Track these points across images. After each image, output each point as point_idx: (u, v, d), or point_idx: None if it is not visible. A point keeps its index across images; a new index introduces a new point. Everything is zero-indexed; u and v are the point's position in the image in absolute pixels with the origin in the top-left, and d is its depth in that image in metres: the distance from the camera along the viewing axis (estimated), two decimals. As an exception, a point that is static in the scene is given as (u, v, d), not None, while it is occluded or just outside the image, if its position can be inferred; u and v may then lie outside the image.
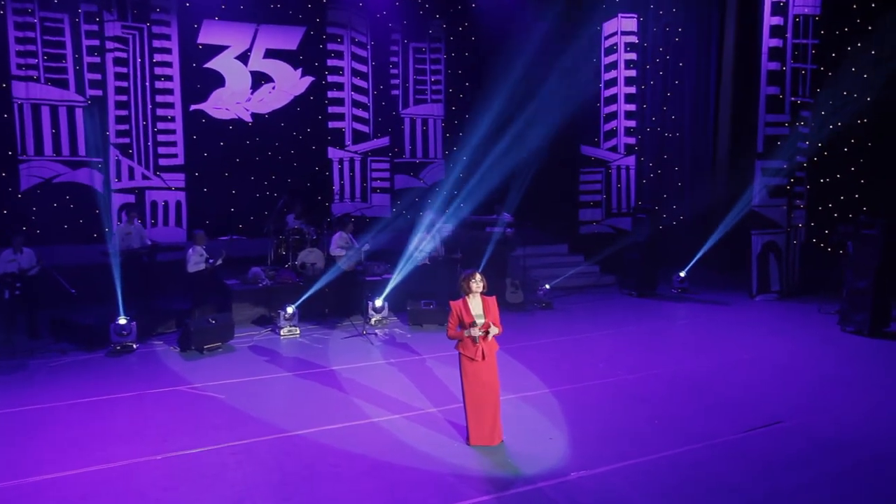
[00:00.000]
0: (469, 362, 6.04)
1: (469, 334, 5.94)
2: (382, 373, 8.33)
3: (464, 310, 6.04)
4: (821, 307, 11.77)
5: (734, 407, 7.17)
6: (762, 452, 6.03)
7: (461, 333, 5.98)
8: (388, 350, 9.37)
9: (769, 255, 12.89)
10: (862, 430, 6.55)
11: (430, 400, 7.35)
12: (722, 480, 5.52)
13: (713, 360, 8.86)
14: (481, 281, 6.10)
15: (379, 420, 6.76)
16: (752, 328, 10.68)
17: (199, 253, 9.67)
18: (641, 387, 7.81)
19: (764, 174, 12.77)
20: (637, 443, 6.23)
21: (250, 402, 7.18)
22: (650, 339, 10.06)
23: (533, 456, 5.95)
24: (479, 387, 6.04)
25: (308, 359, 8.89)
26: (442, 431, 6.50)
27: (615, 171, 15.46)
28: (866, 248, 10.24)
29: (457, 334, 6.00)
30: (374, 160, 16.24)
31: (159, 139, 13.86)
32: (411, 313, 10.67)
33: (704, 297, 13.00)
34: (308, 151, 15.55)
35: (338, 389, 7.67)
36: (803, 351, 9.37)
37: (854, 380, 8.11)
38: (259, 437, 6.26)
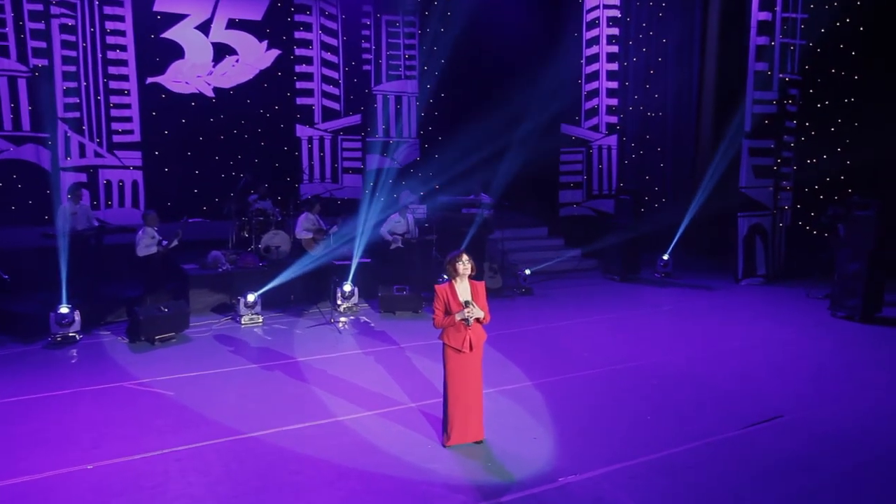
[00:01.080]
0: (454, 354, 5.41)
1: (463, 316, 5.30)
2: (352, 364, 7.67)
3: (451, 295, 5.41)
4: (809, 292, 11.38)
5: (730, 400, 6.67)
6: (764, 451, 5.52)
7: (451, 320, 5.34)
8: (359, 339, 8.70)
9: (755, 237, 12.46)
10: (866, 425, 6.09)
11: (407, 394, 6.72)
12: (724, 485, 4.99)
13: (703, 349, 8.37)
14: (469, 262, 5.46)
15: (348, 418, 6.11)
16: (741, 314, 10.23)
17: (150, 235, 8.86)
18: (630, 378, 7.27)
19: (751, 154, 12.29)
20: (630, 441, 5.68)
21: (202, 400, 6.47)
22: (636, 326, 9.54)
23: (517, 458, 5.36)
24: (464, 380, 5.43)
25: (271, 349, 8.19)
26: (421, 430, 5.88)
27: (596, 152, 14.90)
28: (860, 230, 9.81)
29: (446, 321, 5.36)
30: (345, 139, 15.47)
31: (113, 114, 12.92)
32: (383, 300, 10.01)
33: (689, 282, 12.54)
34: (275, 129, 14.72)
35: (302, 383, 7.00)
36: (796, 338, 8.92)
37: (851, 369, 7.67)
38: (209, 441, 5.57)
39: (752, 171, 12.32)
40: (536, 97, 14.54)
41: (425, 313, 10.03)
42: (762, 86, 12.16)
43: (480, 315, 5.37)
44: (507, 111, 14.46)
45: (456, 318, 5.30)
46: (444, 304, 5.39)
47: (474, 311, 5.32)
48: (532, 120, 14.25)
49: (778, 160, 12.57)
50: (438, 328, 5.42)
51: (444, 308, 5.39)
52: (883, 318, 9.76)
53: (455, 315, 5.30)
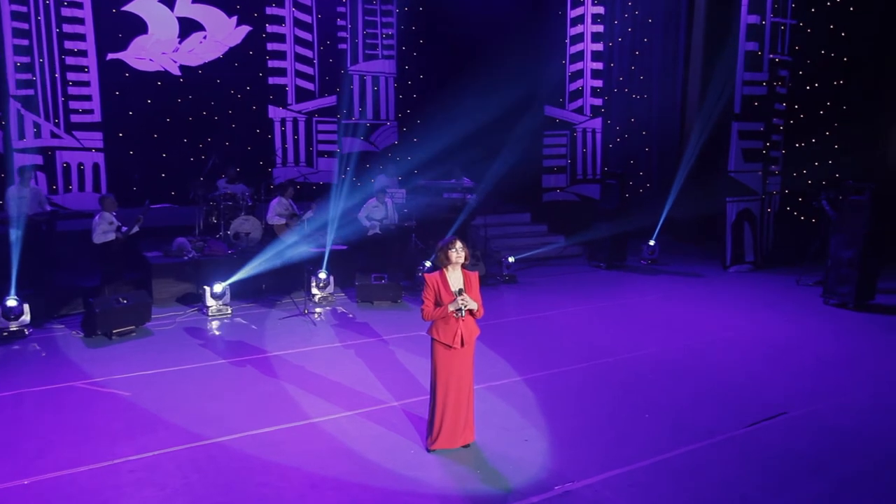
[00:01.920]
0: (444, 350, 4.92)
1: (456, 307, 4.80)
2: (329, 359, 7.14)
3: (441, 285, 4.91)
4: (799, 279, 11.10)
5: (729, 394, 6.28)
6: (772, 453, 5.13)
7: (441, 312, 4.83)
8: (336, 331, 8.17)
9: (744, 223, 12.14)
10: (873, 421, 5.74)
11: (389, 391, 6.22)
12: (732, 491, 4.58)
13: (697, 340, 7.99)
14: (463, 250, 4.95)
15: (324, 420, 5.59)
16: (732, 303, 9.89)
17: (107, 220, 8.20)
18: (623, 372, 6.86)
19: (741, 137, 11.94)
20: (628, 442, 5.26)
21: (162, 401, 5.90)
22: (626, 315, 9.14)
23: (509, 462, 4.91)
24: (454, 379, 4.95)
25: (240, 343, 7.63)
26: (404, 432, 5.39)
27: (580, 135, 14.46)
28: (854, 215, 9.50)
29: (436, 313, 4.85)
30: (319, 121, 14.81)
31: (71, 92, 12.11)
32: (360, 289, 9.48)
33: (676, 269, 12.20)
34: (247, 111, 14.01)
35: (274, 381, 6.46)
36: (790, 327, 8.60)
37: (850, 359, 7.34)
38: (167, 448, 5.02)
39: (741, 155, 11.97)
40: (519, 78, 14.02)
41: (405, 303, 9.53)
42: (752, 66, 11.79)
43: (474, 307, 4.88)
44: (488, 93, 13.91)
45: (449, 309, 4.80)
46: (434, 295, 4.89)
47: (468, 301, 4.82)
48: (515, 102, 13.74)
49: (767, 143, 12.24)
50: (428, 320, 4.92)
51: (434, 299, 4.89)
52: (876, 306, 9.49)
53: (448, 306, 4.80)
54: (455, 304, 4.79)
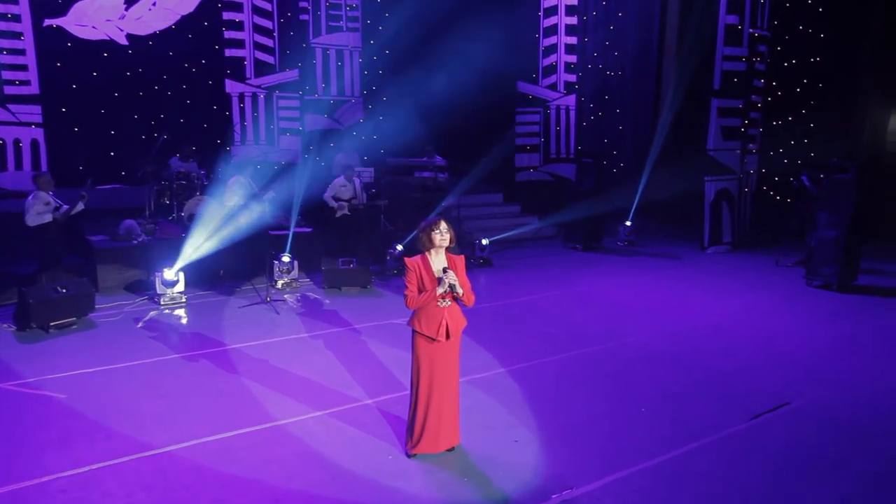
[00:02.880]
0: (427, 344, 4.37)
1: (445, 287, 4.25)
2: (294, 352, 6.53)
3: (424, 270, 4.35)
4: (779, 260, 10.86)
5: (723, 384, 5.90)
6: (781, 450, 4.74)
7: (428, 297, 4.27)
8: (301, 320, 7.54)
9: (722, 203, 11.84)
10: (881, 408, 5.41)
11: (363, 388, 5.65)
12: (746, 496, 4.17)
13: (683, 326, 7.61)
14: (448, 232, 4.38)
15: (290, 422, 5.00)
16: (713, 285, 9.56)
17: (43, 201, 7.38)
18: (612, 362, 6.42)
19: (720, 115, 11.59)
20: (626, 442, 4.80)
21: (104, 404, 5.23)
22: (607, 300, 8.72)
23: (499, 467, 4.40)
24: (438, 376, 4.41)
25: (195, 336, 6.96)
26: (381, 434, 4.83)
27: (554, 112, 13.98)
28: (839, 194, 9.22)
29: (421, 300, 4.29)
30: (281, 97, 13.96)
31: (3, 61, 11.06)
32: (327, 274, 8.84)
33: (654, 251, 11.86)
34: (202, 85, 13.08)
35: (233, 377, 5.83)
36: (776, 310, 8.29)
37: (843, 344, 7.05)
38: (109, 461, 4.37)
39: (719, 133, 11.64)
40: (491, 53, 13.41)
41: (375, 289, 8.94)
42: (732, 41, 11.42)
43: (460, 291, 4.32)
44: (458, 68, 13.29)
45: (438, 291, 4.25)
46: (416, 281, 4.32)
47: (454, 279, 4.27)
48: (486, 78, 13.14)
49: (745, 121, 11.93)
50: (413, 308, 4.35)
51: (417, 285, 4.32)
52: (859, 287, 9.27)
53: (437, 289, 4.25)
54: (443, 286, 4.23)
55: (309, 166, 14.25)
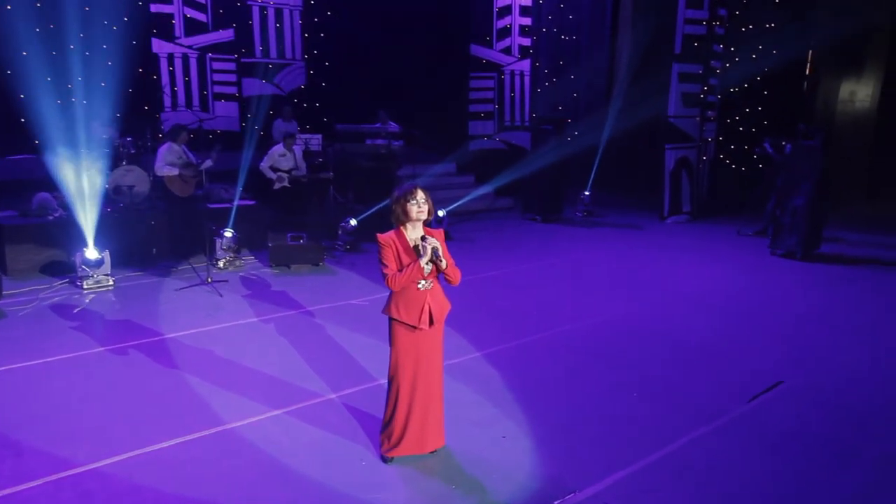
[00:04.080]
0: (407, 333, 3.75)
1: (428, 258, 3.65)
2: (242, 340, 5.79)
3: (400, 246, 3.71)
4: (740, 229, 10.71)
5: (709, 361, 5.55)
6: (787, 436, 4.39)
7: (412, 273, 3.64)
8: (248, 303, 6.78)
9: (682, 171, 11.59)
10: (876, 386, 5.16)
11: (324, 380, 5.00)
12: (764, 491, 3.78)
13: (658, 299, 7.26)
14: (426, 203, 3.73)
15: (241, 424, 4.32)
16: (679, 256, 9.29)
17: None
18: (592, 341, 5.97)
19: (680, 80, 11.26)
20: (623, 433, 4.35)
21: (14, 412, 4.41)
22: (576, 273, 8.30)
23: (490, 469, 3.87)
24: (423, 369, 3.81)
25: (126, 324, 6.11)
26: (350, 435, 4.21)
27: (508, 77, 13.39)
28: (804, 161, 9.03)
29: (405, 277, 3.65)
30: (215, 59, 12.85)
31: None
32: (274, 251, 8.07)
33: (614, 221, 11.54)
34: (125, 45, 11.79)
35: (172, 373, 5.07)
36: (747, 281, 8.06)
37: (820, 316, 6.83)
38: (19, 485, 3.60)
39: (680, 99, 11.32)
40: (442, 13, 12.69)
41: (328, 266, 8.23)
42: (694, 3, 11.05)
43: (445, 263, 3.71)
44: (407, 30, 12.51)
45: (422, 262, 3.63)
46: (394, 258, 3.68)
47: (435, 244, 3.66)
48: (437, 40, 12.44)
49: (705, 87, 11.66)
50: (398, 288, 3.69)
51: (395, 263, 3.68)
52: (822, 255, 9.16)
53: (420, 261, 3.63)
54: (426, 254, 3.61)
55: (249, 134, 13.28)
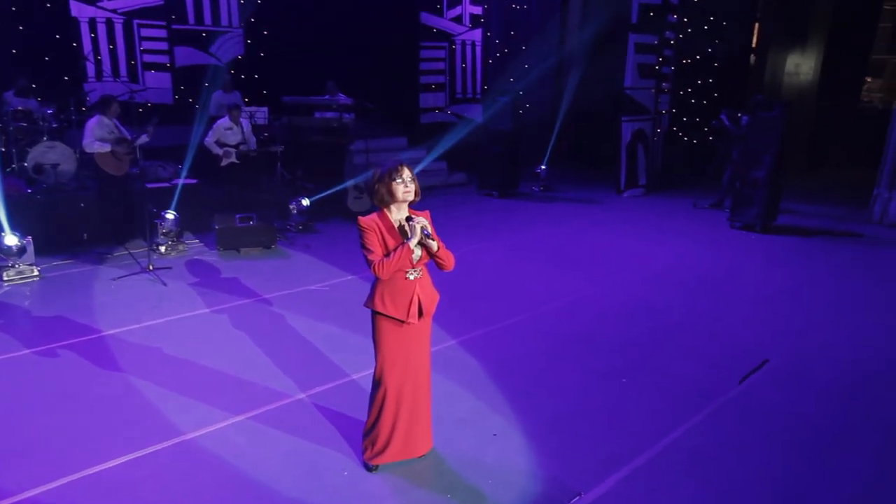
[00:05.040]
0: (395, 329, 3.35)
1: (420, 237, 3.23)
2: (192, 335, 5.24)
3: (385, 229, 3.28)
4: (696, 202, 10.69)
5: (693, 341, 5.38)
6: (782, 421, 4.23)
7: (402, 255, 3.21)
8: (196, 293, 6.19)
9: (638, 144, 11.46)
10: (860, 363, 5.10)
11: (290, 377, 4.55)
12: (768, 480, 3.59)
13: (628, 276, 7.07)
14: (413, 182, 3.30)
15: (201, 433, 3.83)
16: (640, 230, 9.15)
17: None
18: (570, 323, 5.71)
19: (637, 51, 11.06)
20: (616, 423, 4.10)
21: (-69, 428, 3.79)
22: (542, 251, 8.03)
23: (483, 473, 3.53)
24: (411, 367, 3.43)
25: (56, 321, 5.45)
26: (328, 441, 3.79)
27: (460, 47, 12.91)
28: (763, 133, 8.98)
29: (395, 261, 3.21)
30: (143, 25, 11.83)
31: None
32: (222, 234, 7.45)
33: (571, 195, 11.34)
34: (39, 7, 10.70)
35: (115, 376, 4.51)
36: (712, 256, 7.98)
37: (793, 290, 6.78)
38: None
39: (636, 70, 11.14)
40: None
41: (281, 249, 7.68)
42: (649, -30, 10.84)
43: (435, 245, 3.31)
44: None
45: (411, 243, 3.21)
46: (380, 243, 3.25)
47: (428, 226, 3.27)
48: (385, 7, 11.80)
49: (660, 59, 11.51)
50: (387, 276, 3.25)
51: (381, 248, 3.25)
52: (780, 227, 9.20)
53: (409, 242, 3.21)
54: (416, 235, 3.20)
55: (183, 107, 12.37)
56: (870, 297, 6.58)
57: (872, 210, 9.77)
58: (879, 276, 7.26)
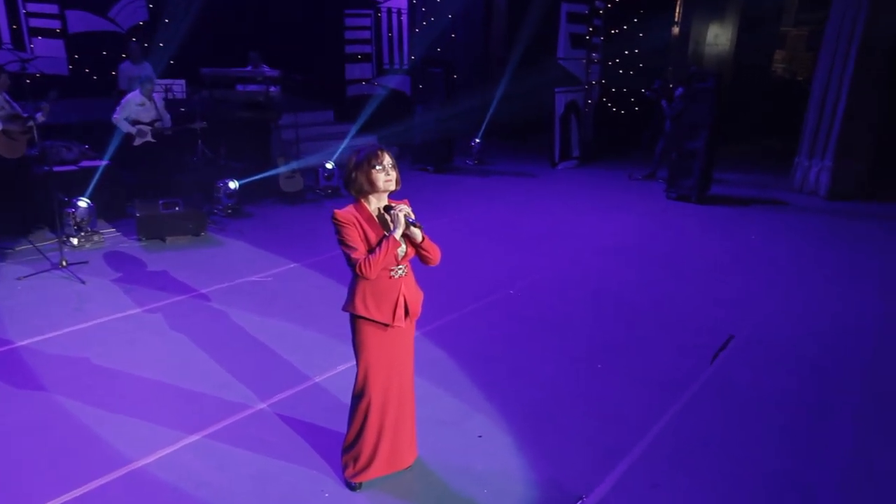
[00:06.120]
0: (378, 333, 2.99)
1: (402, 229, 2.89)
2: (124, 340, 4.66)
3: (365, 222, 2.89)
4: (631, 173, 10.76)
5: (658, 321, 5.31)
6: (760, 397, 4.22)
7: (389, 250, 2.84)
8: (121, 291, 5.54)
9: (571, 116, 11.38)
10: (821, 334, 5.19)
11: (245, 384, 4.09)
12: (764, 464, 3.54)
13: (577, 252, 6.97)
14: (394, 169, 2.93)
15: (153, 460, 3.36)
16: (581, 204, 9.09)
17: None
18: (530, 307, 5.52)
19: (569, 20, 10.90)
20: (603, 414, 3.95)
21: None
22: (487, 228, 7.79)
23: (476, 482, 3.28)
24: (396, 374, 3.10)
25: (-44, 330, 4.72)
26: (299, 457, 3.40)
27: (385, 15, 12.30)
28: (698, 104, 9.07)
29: (381, 259, 2.83)
30: (25, -15, 10.60)
31: None
32: (144, 222, 6.73)
33: (507, 169, 11.16)
34: None
35: (39, 397, 3.90)
36: (656, 229, 8.01)
37: (739, 261, 6.88)
38: None
39: (569, 40, 10.99)
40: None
41: (212, 236, 7.06)
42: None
43: (420, 234, 2.97)
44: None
45: (396, 233, 2.86)
46: (360, 238, 2.87)
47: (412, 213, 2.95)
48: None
49: (590, 28, 11.42)
50: (374, 275, 2.86)
51: (363, 244, 2.87)
52: (714, 197, 9.39)
53: (395, 232, 2.86)
54: (400, 225, 2.86)
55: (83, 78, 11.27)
56: (808, 265, 6.77)
57: (794, 178, 10.15)
58: (811, 243, 7.50)
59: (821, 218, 8.64)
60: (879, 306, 5.70)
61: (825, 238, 7.76)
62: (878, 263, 6.86)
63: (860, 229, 8.15)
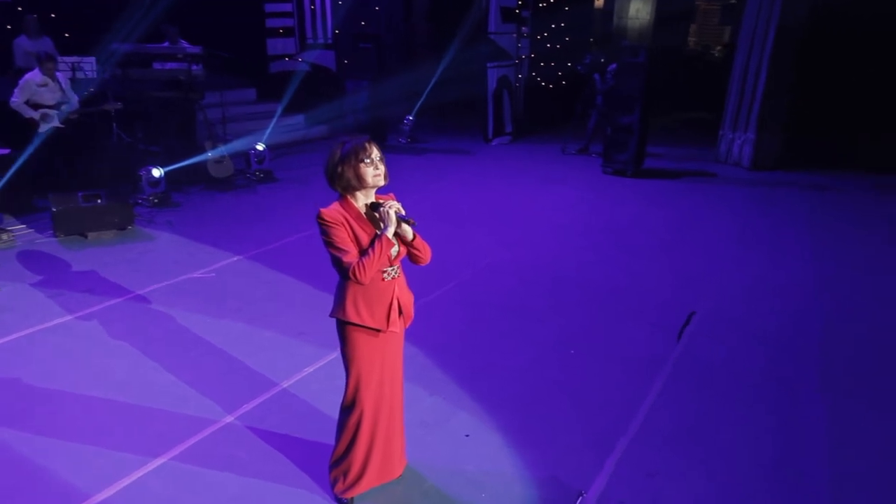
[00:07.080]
0: (370, 340, 2.76)
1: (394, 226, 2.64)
2: (59, 353, 4.18)
3: (354, 220, 2.64)
4: (564, 147, 10.82)
5: (619, 299, 5.34)
6: (732, 374, 4.30)
7: (381, 252, 2.60)
8: (44, 296, 4.98)
9: (503, 91, 11.28)
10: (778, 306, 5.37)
11: (207, 395, 3.76)
12: (757, 441, 3.60)
13: (526, 231, 6.95)
14: (382, 162, 2.68)
15: (115, 491, 3.01)
16: (518, 180, 9.07)
17: None
18: (491, 292, 5.42)
19: (499, -6, 10.74)
20: (586, 404, 3.90)
21: None
22: (430, 209, 7.59)
23: (472, 486, 3.15)
24: (388, 381, 2.89)
25: None
26: (280, 474, 3.14)
27: (307, -13, 11.71)
28: (630, 79, 9.16)
29: (374, 261, 2.58)
30: None
31: None
32: (62, 217, 6.10)
33: (441, 146, 10.98)
34: None
35: (-39, 426, 3.44)
36: (594, 202, 8.10)
37: (684, 231, 7.04)
38: None
39: (499, 14, 10.83)
40: None
41: (140, 230, 6.50)
42: None
43: (411, 232, 2.74)
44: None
45: (388, 232, 2.62)
46: (350, 239, 2.62)
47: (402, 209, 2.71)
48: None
49: (520, 2, 11.30)
50: (367, 280, 2.60)
51: (353, 245, 2.62)
52: (646, 171, 9.58)
53: (386, 232, 2.62)
54: (391, 222, 2.62)
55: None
56: (748, 234, 7.01)
57: (719, 150, 10.50)
58: (745, 213, 7.78)
59: (750, 188, 8.99)
60: (819, 270, 5.96)
61: (758, 208, 8.07)
62: (806, 230, 7.20)
63: (784, 197, 8.53)
